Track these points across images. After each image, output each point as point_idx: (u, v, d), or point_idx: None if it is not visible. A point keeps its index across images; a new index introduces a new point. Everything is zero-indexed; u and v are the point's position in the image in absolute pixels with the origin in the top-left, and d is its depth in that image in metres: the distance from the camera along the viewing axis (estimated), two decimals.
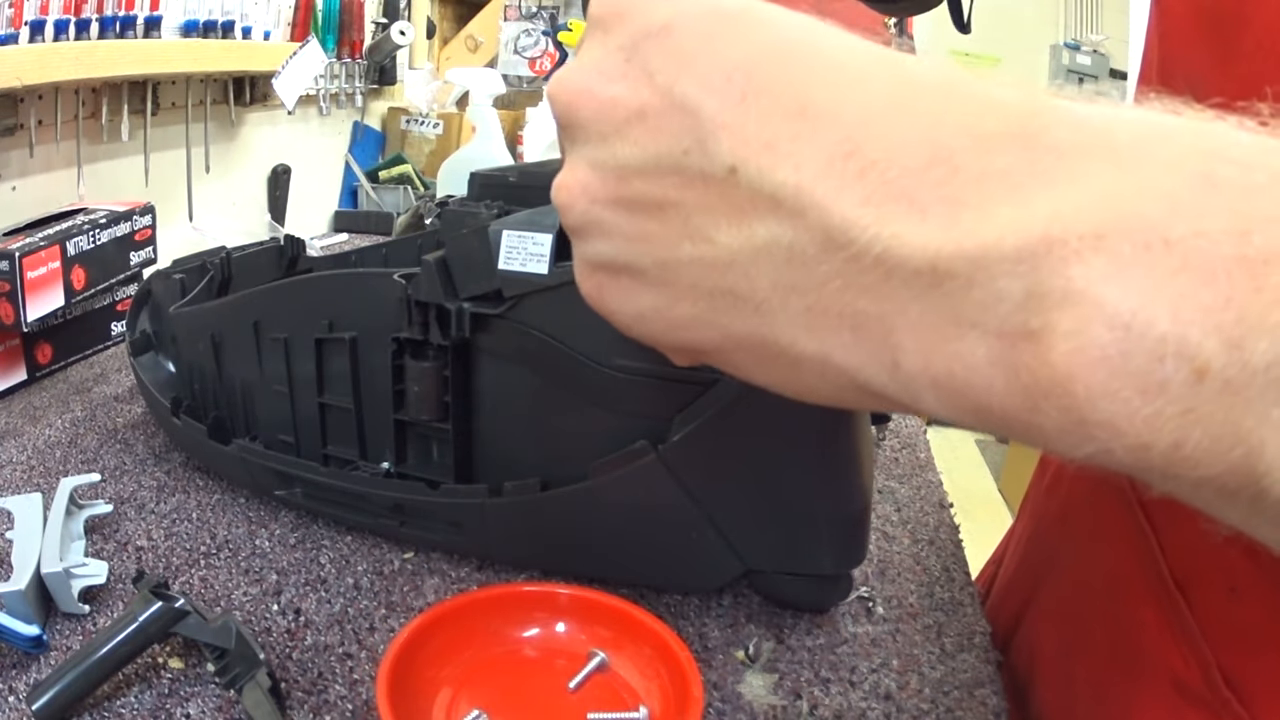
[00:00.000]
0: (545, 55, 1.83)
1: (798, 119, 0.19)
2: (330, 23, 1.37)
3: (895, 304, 0.18)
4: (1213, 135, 0.17)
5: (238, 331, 0.55)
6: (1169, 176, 0.16)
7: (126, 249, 0.81)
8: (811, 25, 0.22)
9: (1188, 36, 0.37)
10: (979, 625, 0.49)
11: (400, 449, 0.51)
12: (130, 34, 0.93)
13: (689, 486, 0.44)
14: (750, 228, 0.20)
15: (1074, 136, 0.17)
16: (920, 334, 0.18)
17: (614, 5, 0.24)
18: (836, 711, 0.42)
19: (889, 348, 0.19)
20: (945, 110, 0.19)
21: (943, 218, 0.17)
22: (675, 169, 0.21)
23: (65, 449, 0.62)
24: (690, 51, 0.22)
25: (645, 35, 0.23)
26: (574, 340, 0.44)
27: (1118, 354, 0.16)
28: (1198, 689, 0.35)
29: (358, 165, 1.54)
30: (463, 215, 0.46)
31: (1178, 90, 0.39)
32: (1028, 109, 0.18)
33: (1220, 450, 0.15)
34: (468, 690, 0.40)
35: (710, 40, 0.21)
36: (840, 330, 0.20)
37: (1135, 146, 0.17)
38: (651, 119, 0.22)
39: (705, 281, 0.22)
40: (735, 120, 0.20)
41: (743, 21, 0.22)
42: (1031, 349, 0.16)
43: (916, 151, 0.18)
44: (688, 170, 0.21)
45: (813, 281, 0.20)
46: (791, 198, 0.19)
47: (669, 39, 0.22)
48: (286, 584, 0.48)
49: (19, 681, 0.39)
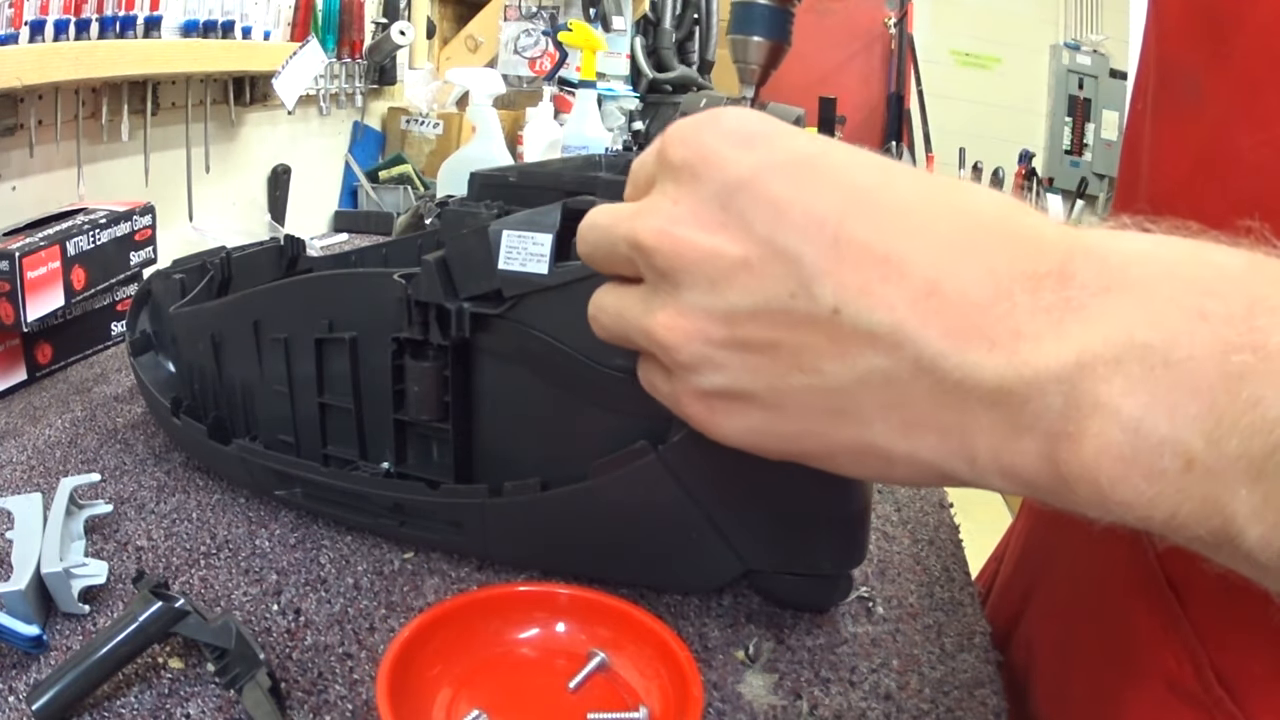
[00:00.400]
0: (545, 55, 1.83)
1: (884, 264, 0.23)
2: (330, 23, 1.37)
3: (971, 415, 0.23)
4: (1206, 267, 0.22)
5: (238, 331, 0.55)
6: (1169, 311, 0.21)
7: (126, 249, 0.81)
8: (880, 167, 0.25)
9: (1184, 36, 0.38)
10: (979, 625, 0.49)
11: (400, 449, 0.51)
12: (130, 34, 0.93)
13: (689, 486, 0.44)
14: (853, 359, 0.24)
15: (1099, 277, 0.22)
16: (990, 437, 0.23)
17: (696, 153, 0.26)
18: (836, 711, 0.42)
19: (966, 447, 0.24)
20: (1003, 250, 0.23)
21: (1006, 348, 0.22)
22: (783, 311, 0.25)
23: (65, 449, 0.62)
24: (782, 201, 0.25)
25: (737, 186, 0.25)
26: (574, 340, 0.44)
27: (1130, 451, 0.21)
28: (1191, 688, 0.35)
29: (358, 165, 1.54)
30: (463, 215, 0.46)
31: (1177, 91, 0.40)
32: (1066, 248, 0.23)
33: (1204, 518, 0.21)
34: (468, 690, 0.40)
35: (798, 189, 0.25)
36: (928, 435, 0.24)
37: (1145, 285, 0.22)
38: (756, 267, 0.25)
39: (814, 404, 0.26)
40: (833, 267, 0.24)
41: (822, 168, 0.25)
42: (1069, 447, 0.22)
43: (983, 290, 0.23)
44: (795, 312, 0.25)
45: (907, 399, 0.24)
46: (888, 335, 0.23)
47: (760, 189, 0.25)
48: (286, 584, 0.48)
49: (19, 681, 0.39)
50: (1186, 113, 0.37)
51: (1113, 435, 0.21)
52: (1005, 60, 4.00)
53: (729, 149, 0.26)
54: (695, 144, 0.27)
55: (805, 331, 0.25)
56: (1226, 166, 0.35)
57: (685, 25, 2.28)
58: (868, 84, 3.97)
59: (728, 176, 0.26)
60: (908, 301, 0.23)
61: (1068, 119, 3.99)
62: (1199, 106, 0.36)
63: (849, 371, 0.24)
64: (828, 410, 0.26)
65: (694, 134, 0.27)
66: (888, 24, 3.89)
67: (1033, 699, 0.48)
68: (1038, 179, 3.87)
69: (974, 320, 0.23)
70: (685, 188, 0.27)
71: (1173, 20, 0.39)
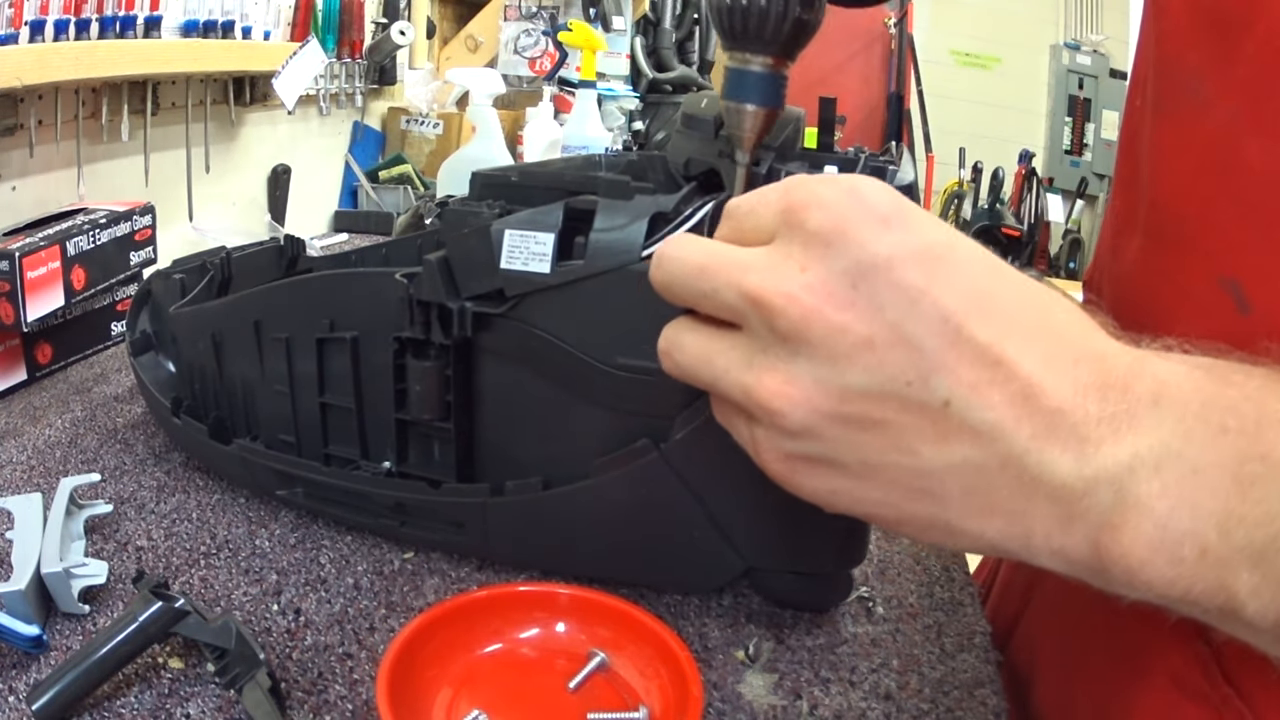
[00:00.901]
0: (545, 55, 1.83)
1: (995, 367, 0.26)
2: (330, 23, 1.37)
3: (1036, 504, 0.27)
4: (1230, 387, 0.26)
5: (238, 331, 0.55)
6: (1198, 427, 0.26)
7: (126, 249, 0.81)
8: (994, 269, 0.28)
9: (1187, 37, 0.37)
10: (979, 625, 0.49)
11: (402, 448, 0.51)
12: (130, 34, 0.93)
13: (691, 485, 0.44)
14: (951, 448, 0.27)
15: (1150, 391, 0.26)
16: (1048, 524, 0.27)
17: (834, 225, 0.27)
18: (836, 711, 0.42)
19: (1026, 531, 0.27)
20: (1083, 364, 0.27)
21: (1077, 452, 0.26)
22: (897, 396, 0.27)
23: (65, 449, 0.62)
24: (914, 291, 0.26)
25: (871, 266, 0.27)
26: (576, 339, 0.44)
27: (1158, 541, 0.25)
28: (1198, 686, 0.35)
29: (358, 165, 1.54)
30: (464, 215, 0.46)
31: (1179, 92, 0.39)
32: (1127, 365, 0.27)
33: (1212, 595, 0.25)
34: (468, 690, 0.40)
35: (929, 280, 0.26)
36: (997, 519, 0.27)
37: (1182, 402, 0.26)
38: (880, 350, 0.26)
39: (901, 481, 0.28)
40: (950, 362, 0.26)
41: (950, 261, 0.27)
42: (1111, 535, 0.26)
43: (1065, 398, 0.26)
44: (908, 399, 0.27)
45: (987, 487, 0.27)
46: (988, 431, 0.26)
47: (892, 274, 0.26)
48: (286, 584, 0.48)
49: (19, 681, 0.39)
50: (1188, 113, 0.37)
51: (1147, 528, 0.25)
52: (1005, 60, 4.00)
53: (867, 227, 0.27)
54: (834, 215, 0.27)
55: (913, 416, 0.27)
56: (1234, 171, 0.35)
57: (685, 25, 2.28)
58: (868, 84, 3.97)
59: (863, 255, 0.27)
60: (1008, 402, 0.26)
61: (1068, 119, 3.99)
62: (1203, 108, 0.36)
63: (943, 458, 0.27)
64: (912, 488, 0.28)
65: (833, 203, 0.27)
66: (888, 24, 3.89)
67: (1035, 699, 0.48)
68: (1038, 179, 3.88)
69: (1056, 424, 0.26)
70: (816, 256, 0.27)
71: (1174, 20, 0.39)
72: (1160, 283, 0.39)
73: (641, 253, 0.42)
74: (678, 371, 0.32)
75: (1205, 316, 0.36)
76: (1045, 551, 0.27)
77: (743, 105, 0.40)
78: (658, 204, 0.42)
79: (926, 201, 3.67)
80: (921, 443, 0.27)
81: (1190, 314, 0.37)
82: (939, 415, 0.26)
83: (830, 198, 0.28)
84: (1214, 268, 0.36)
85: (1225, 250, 0.35)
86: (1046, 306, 0.28)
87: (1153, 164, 0.40)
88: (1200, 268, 0.37)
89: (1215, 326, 0.35)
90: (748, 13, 0.38)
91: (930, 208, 3.69)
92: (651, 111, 2.02)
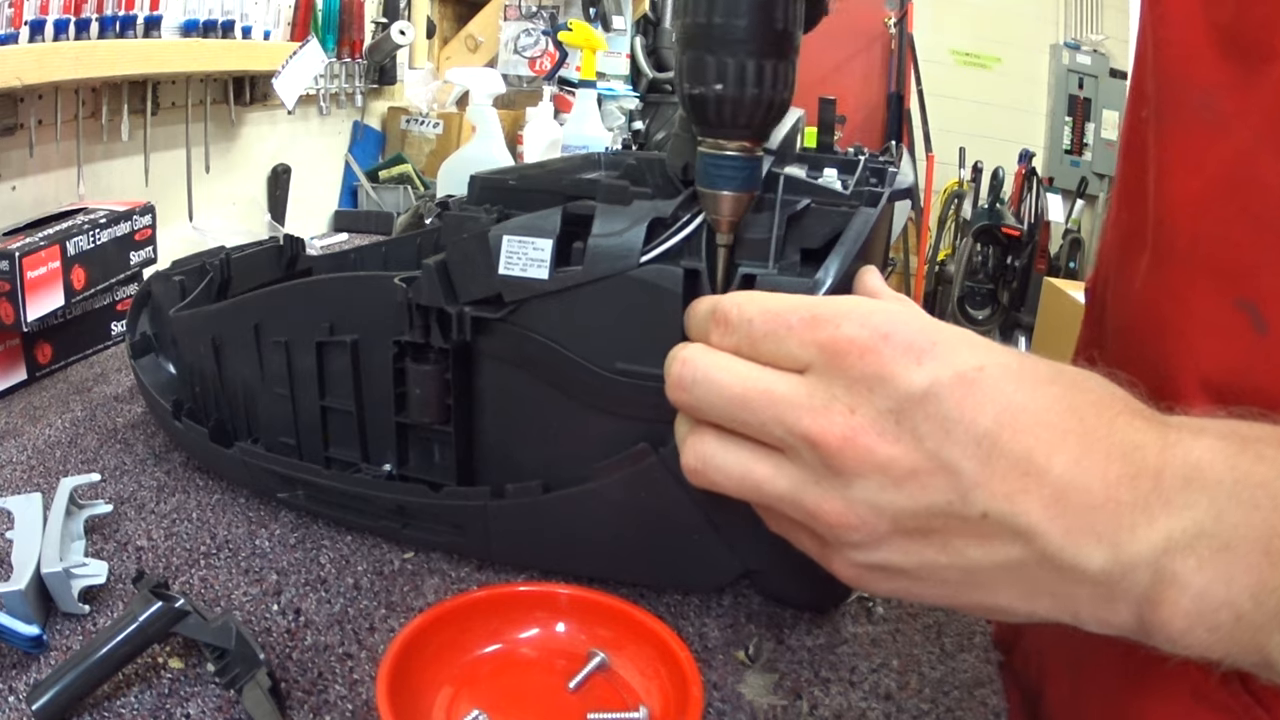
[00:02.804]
0: (545, 55, 1.83)
1: (1026, 477, 0.29)
2: (330, 22, 1.37)
3: (1078, 589, 0.29)
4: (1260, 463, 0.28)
5: (238, 334, 0.55)
6: (1230, 506, 0.28)
7: (126, 249, 0.81)
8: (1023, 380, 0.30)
9: (1199, 51, 0.37)
10: (979, 625, 0.49)
11: (402, 451, 0.51)
12: (130, 34, 0.93)
13: (690, 487, 0.43)
14: (993, 549, 0.30)
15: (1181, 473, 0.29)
16: (1091, 603, 0.30)
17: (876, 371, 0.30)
18: (836, 711, 0.42)
19: (1073, 609, 0.30)
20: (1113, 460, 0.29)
21: (1111, 541, 0.28)
22: (942, 513, 0.30)
23: (65, 449, 0.62)
24: (949, 422, 0.29)
25: (910, 400, 0.30)
26: (575, 344, 0.44)
27: (1196, 612, 0.28)
28: (1218, 696, 0.35)
29: (358, 165, 1.54)
30: (463, 219, 0.46)
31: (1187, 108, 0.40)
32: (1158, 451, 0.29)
33: (1248, 654, 0.28)
34: (468, 690, 0.40)
35: (961, 409, 0.29)
36: (1043, 599, 0.31)
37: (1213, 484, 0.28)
38: (923, 477, 0.30)
39: (954, 578, 0.31)
40: (985, 479, 0.29)
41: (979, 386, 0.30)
42: (1151, 608, 0.28)
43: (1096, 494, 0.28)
44: (952, 514, 0.30)
45: (1031, 579, 0.30)
46: (1025, 532, 0.29)
47: (930, 408, 0.30)
48: (286, 584, 0.48)
49: (19, 681, 0.39)
50: (1200, 131, 0.37)
51: (1184, 602, 0.28)
52: (1005, 60, 3.99)
53: (902, 365, 0.30)
54: (874, 360, 0.30)
55: (956, 525, 0.30)
56: (1251, 191, 0.35)
57: None
58: (868, 84, 3.96)
59: (901, 393, 0.30)
60: (1040, 506, 0.29)
61: (1068, 119, 3.99)
62: (1217, 127, 0.36)
63: (988, 558, 0.30)
64: (965, 582, 0.31)
65: (872, 349, 0.30)
66: (888, 24, 3.88)
67: (1046, 707, 0.47)
68: (1038, 179, 3.87)
69: (1088, 520, 0.28)
70: (862, 399, 0.30)
71: (1179, 31, 0.38)
72: (1172, 302, 0.39)
73: (640, 259, 0.41)
74: (715, 489, 0.34)
75: (1220, 336, 0.36)
76: (1093, 622, 0.30)
77: (719, 193, 0.38)
78: (656, 209, 0.42)
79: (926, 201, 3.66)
80: (968, 547, 0.30)
81: (1204, 334, 0.37)
82: (980, 524, 0.30)
83: (868, 343, 0.30)
84: (1229, 287, 0.36)
85: (1242, 269, 0.35)
86: (1074, 407, 0.30)
87: (1160, 181, 0.40)
88: (1215, 287, 0.36)
89: (1231, 346, 0.35)
90: (721, 101, 0.36)
91: (930, 207, 3.69)
92: (651, 111, 2.02)
